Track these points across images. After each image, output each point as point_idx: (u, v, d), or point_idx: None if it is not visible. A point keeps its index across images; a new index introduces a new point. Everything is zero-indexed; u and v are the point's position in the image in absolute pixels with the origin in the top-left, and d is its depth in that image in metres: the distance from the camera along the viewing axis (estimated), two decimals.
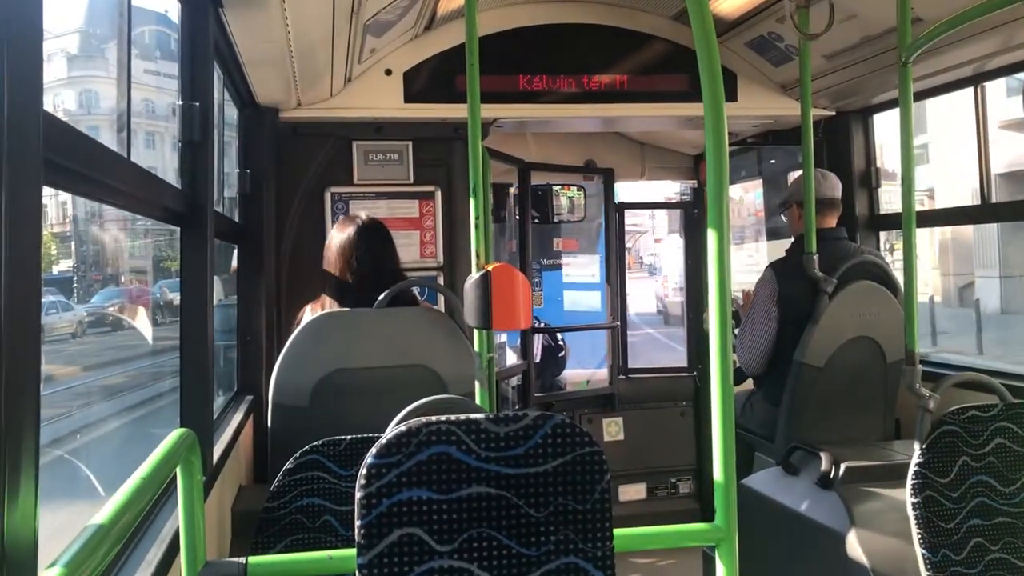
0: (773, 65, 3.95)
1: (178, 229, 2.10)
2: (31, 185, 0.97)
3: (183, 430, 1.35)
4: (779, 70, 3.96)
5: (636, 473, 5.06)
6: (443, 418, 1.26)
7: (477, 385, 2.51)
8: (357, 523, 1.22)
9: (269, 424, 2.60)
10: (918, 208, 2.77)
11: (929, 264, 20.37)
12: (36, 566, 0.90)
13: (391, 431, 1.26)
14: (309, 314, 2.76)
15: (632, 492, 5.08)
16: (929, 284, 19.62)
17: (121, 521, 0.97)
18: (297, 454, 2.08)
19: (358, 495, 1.22)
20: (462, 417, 1.27)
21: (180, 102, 2.08)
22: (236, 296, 3.54)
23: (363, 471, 1.22)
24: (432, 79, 3.79)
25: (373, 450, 1.23)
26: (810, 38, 3.21)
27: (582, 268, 7.61)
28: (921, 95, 3.68)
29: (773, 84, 4.08)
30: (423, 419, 1.27)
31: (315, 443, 2.05)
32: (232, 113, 3.55)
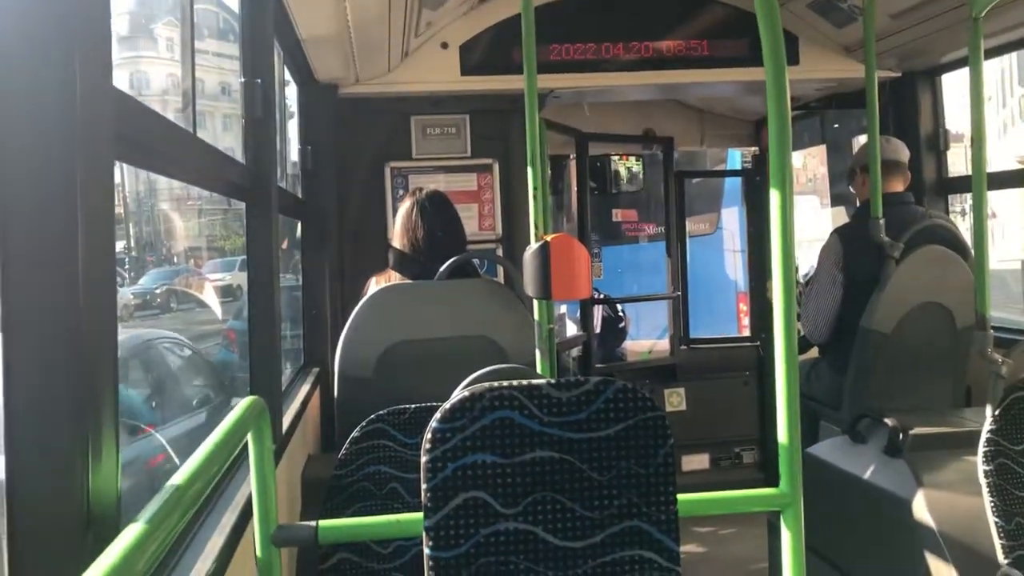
0: (836, 27, 3.85)
1: (228, 209, 2.15)
2: (104, 159, 1.00)
3: (253, 398, 1.39)
4: (842, 31, 3.86)
5: (699, 443, 5.04)
6: (505, 383, 1.28)
7: (538, 355, 2.52)
8: (423, 486, 1.25)
9: (336, 395, 2.66)
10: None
11: None
12: (119, 523, 0.94)
13: (455, 397, 1.28)
14: (374, 286, 2.81)
15: (695, 462, 5.07)
16: None
17: (197, 483, 1.01)
18: (363, 423, 2.12)
19: (424, 459, 1.25)
20: (524, 383, 1.28)
21: (242, 79, 2.12)
22: (301, 270, 3.61)
23: (428, 436, 1.25)
24: (488, 51, 3.79)
25: (437, 415, 1.25)
26: None
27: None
28: (992, 52, 3.56)
29: (836, 46, 3.98)
30: (486, 384, 1.28)
31: (380, 412, 2.08)
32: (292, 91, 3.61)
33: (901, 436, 2.75)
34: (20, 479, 0.87)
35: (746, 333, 5.90)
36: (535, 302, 2.51)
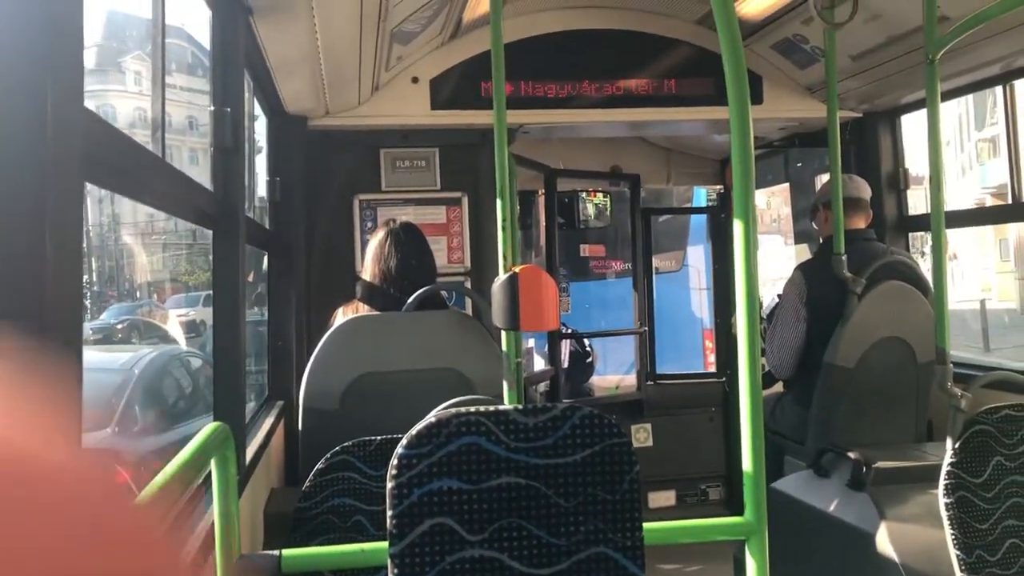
0: (799, 67, 3.94)
1: (193, 244, 2.15)
2: (73, 180, 1.00)
3: (218, 423, 1.38)
4: (805, 72, 3.95)
5: (665, 480, 5.03)
6: (472, 409, 1.28)
7: (505, 387, 2.52)
8: (389, 513, 1.24)
9: (300, 428, 2.64)
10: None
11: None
12: None
13: (422, 423, 1.27)
14: (341, 317, 2.80)
15: (661, 499, 5.06)
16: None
17: (159, 504, 1.00)
18: (328, 455, 2.11)
19: (389, 485, 1.24)
20: (491, 408, 1.28)
21: (212, 107, 2.13)
22: (267, 302, 3.59)
23: (394, 461, 1.24)
24: (458, 86, 3.82)
25: (404, 441, 1.25)
26: (835, 27, 3.19)
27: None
28: (949, 94, 3.66)
29: (799, 86, 4.07)
30: (453, 410, 1.28)
31: (346, 444, 2.07)
32: (261, 123, 3.61)
33: (864, 470, 2.77)
34: None
35: (712, 369, 5.94)
36: (503, 333, 2.52)
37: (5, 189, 0.90)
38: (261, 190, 3.68)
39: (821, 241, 3.71)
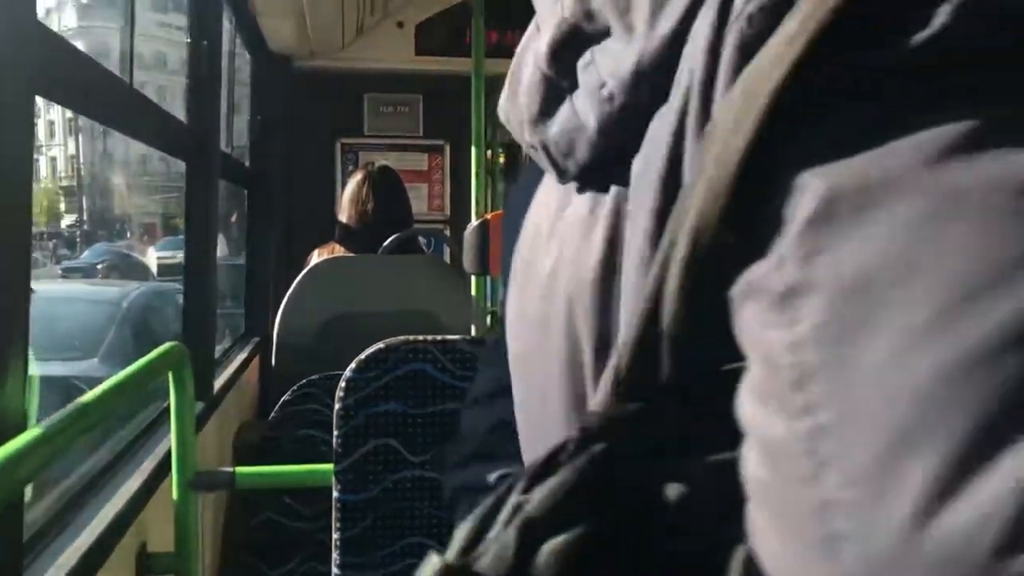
0: None
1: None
2: (22, 90, 1.01)
3: (174, 343, 1.41)
4: None
5: None
6: (421, 338, 1.32)
7: (473, 331, 2.57)
8: (335, 433, 1.29)
9: (273, 364, 2.68)
10: None
11: None
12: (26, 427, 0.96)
13: (371, 348, 1.31)
14: (316, 258, 2.84)
15: None
16: None
17: (101, 405, 1.03)
18: (295, 387, 2.16)
19: (337, 407, 1.29)
20: (439, 338, 1.32)
21: (188, 39, 2.12)
22: (246, 239, 3.60)
23: (342, 384, 1.28)
24: (444, 33, 3.80)
25: (352, 364, 1.29)
26: None
27: None
28: None
29: None
30: (402, 338, 1.32)
31: (313, 377, 2.12)
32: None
33: None
34: None
35: None
36: (473, 278, 2.56)
37: None
38: (244, 134, 3.67)
39: None
